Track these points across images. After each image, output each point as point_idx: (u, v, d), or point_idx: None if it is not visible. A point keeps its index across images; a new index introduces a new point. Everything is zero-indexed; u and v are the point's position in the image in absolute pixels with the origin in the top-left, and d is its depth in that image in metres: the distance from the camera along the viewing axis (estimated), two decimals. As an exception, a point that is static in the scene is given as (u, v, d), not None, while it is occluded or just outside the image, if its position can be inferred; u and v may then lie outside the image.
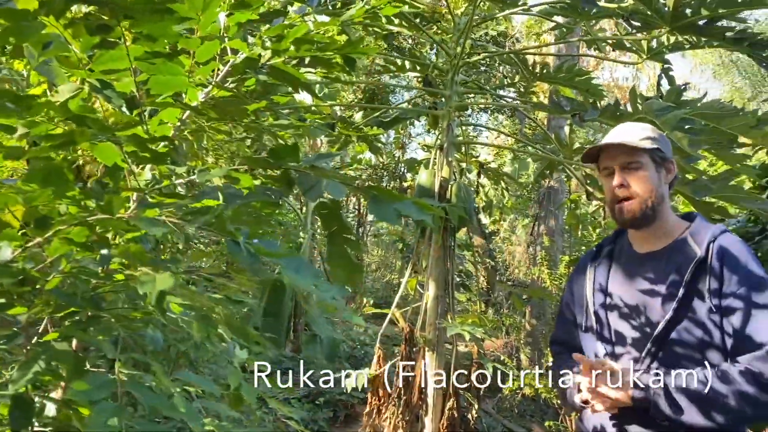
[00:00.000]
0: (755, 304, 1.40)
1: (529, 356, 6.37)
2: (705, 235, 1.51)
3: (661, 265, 1.56)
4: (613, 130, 1.66)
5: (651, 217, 1.56)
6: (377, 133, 3.93)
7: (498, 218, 11.61)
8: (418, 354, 3.05)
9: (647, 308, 1.54)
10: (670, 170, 1.61)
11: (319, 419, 5.12)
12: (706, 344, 1.46)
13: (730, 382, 1.38)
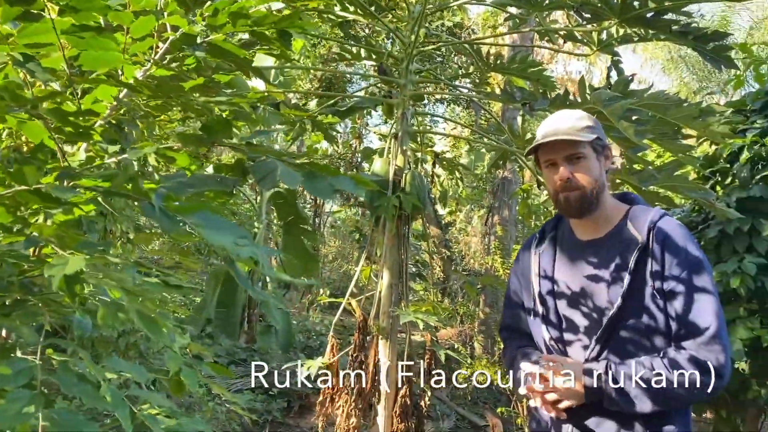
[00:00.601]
0: (695, 288, 1.44)
1: (482, 344, 6.45)
2: (645, 219, 1.54)
3: (603, 251, 1.58)
4: (550, 120, 1.64)
5: (594, 205, 1.58)
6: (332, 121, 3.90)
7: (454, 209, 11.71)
8: (371, 342, 3.04)
9: (593, 295, 1.56)
10: (608, 156, 1.63)
11: (273, 410, 5.08)
12: (653, 330, 1.49)
13: (679, 369, 1.42)
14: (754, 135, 3.12)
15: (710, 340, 1.41)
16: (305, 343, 7.53)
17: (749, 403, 3.14)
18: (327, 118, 3.98)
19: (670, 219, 1.55)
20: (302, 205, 13.51)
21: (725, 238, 3.09)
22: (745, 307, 2.97)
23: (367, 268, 3.24)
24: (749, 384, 3.10)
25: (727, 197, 3.12)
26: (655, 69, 14.11)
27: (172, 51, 1.03)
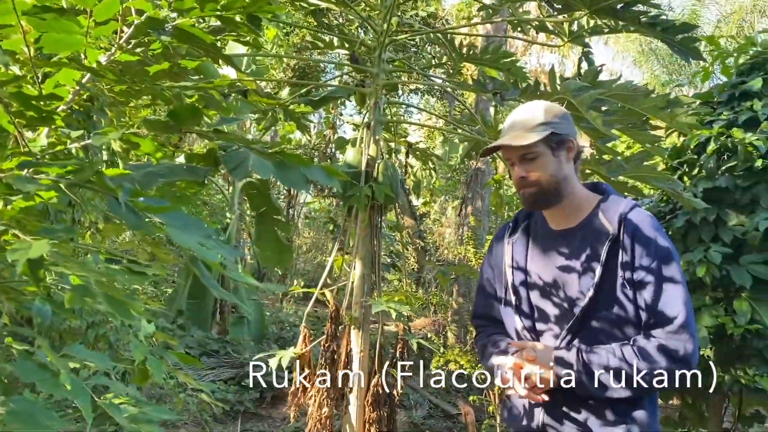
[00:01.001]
0: (664, 278, 1.46)
1: (455, 333, 6.50)
2: (616, 211, 1.56)
3: (575, 241, 1.60)
4: (509, 117, 1.67)
5: (556, 198, 1.60)
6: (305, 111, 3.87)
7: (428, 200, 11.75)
8: (344, 332, 3.05)
9: (565, 285, 1.58)
10: (570, 148, 1.61)
11: (245, 400, 5.06)
12: (623, 319, 1.51)
13: (648, 357, 1.44)
14: (720, 126, 3.17)
15: (679, 329, 1.44)
16: (278, 334, 7.51)
17: (713, 389, 3.21)
18: (299, 107, 3.94)
19: (641, 210, 1.58)
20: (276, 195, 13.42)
21: (692, 227, 3.14)
22: (710, 296, 3.03)
23: (340, 258, 3.24)
24: (713, 371, 3.17)
25: (694, 188, 3.17)
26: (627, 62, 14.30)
27: (136, 35, 1.01)
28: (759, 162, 2.98)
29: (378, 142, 3.17)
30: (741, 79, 3.38)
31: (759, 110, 3.11)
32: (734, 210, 3.07)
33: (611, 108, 2.21)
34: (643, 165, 2.41)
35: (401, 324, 3.17)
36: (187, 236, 0.75)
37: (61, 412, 2.49)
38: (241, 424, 4.79)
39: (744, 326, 2.83)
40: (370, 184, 3.01)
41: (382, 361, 3.16)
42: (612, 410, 1.50)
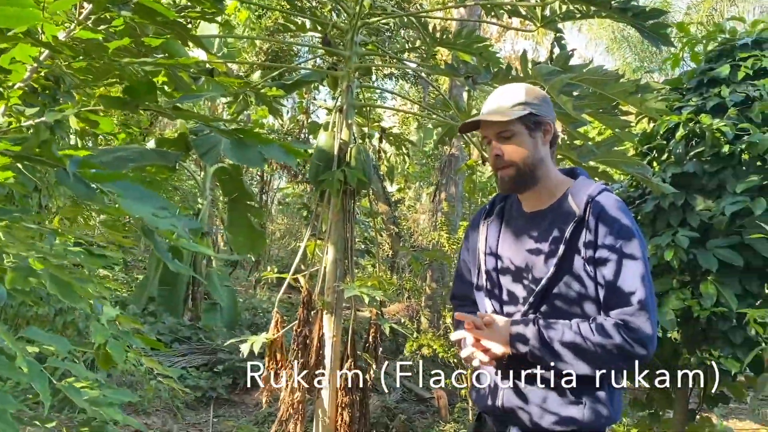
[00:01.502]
0: (625, 254, 1.48)
1: (429, 318, 6.54)
2: (584, 193, 1.57)
3: (545, 223, 1.62)
4: (490, 97, 1.67)
5: (530, 181, 1.61)
6: (276, 94, 3.82)
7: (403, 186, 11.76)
8: (316, 317, 3.03)
9: (533, 267, 1.60)
10: (547, 131, 1.62)
11: (218, 387, 5.04)
12: (583, 296, 1.53)
13: (604, 335, 1.46)
14: (689, 113, 3.21)
15: (637, 309, 1.46)
16: (251, 320, 7.47)
17: (680, 369, 3.28)
18: (271, 90, 3.89)
19: (609, 194, 1.59)
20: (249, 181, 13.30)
21: (660, 212, 3.19)
22: (677, 279, 3.08)
23: (312, 243, 3.22)
24: (680, 352, 3.24)
25: (663, 173, 3.21)
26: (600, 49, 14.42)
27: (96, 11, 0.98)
28: (726, 148, 3.03)
29: (351, 127, 3.15)
30: (709, 66, 3.43)
31: (726, 97, 3.15)
32: (701, 195, 3.12)
33: (582, 93, 2.22)
34: (613, 150, 2.43)
35: (374, 309, 3.17)
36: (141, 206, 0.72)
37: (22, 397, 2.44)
38: (213, 410, 4.77)
39: (710, 309, 2.88)
40: (342, 168, 2.99)
41: (354, 346, 3.17)
42: (571, 390, 1.52)
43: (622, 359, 1.47)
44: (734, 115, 3.07)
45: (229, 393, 5.12)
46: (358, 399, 3.14)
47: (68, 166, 0.68)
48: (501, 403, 1.61)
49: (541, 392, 1.55)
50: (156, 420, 4.42)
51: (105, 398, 0.78)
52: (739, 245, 2.91)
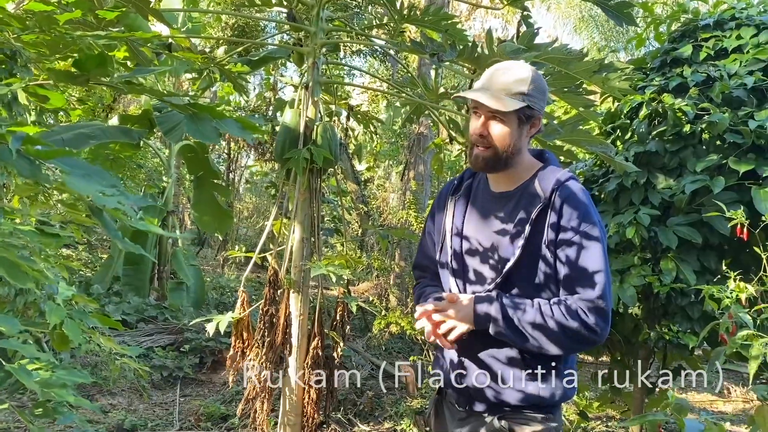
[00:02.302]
0: (588, 238, 1.51)
1: (397, 297, 6.57)
2: (551, 179, 1.58)
3: (511, 204, 1.63)
4: (493, 69, 1.63)
5: (503, 166, 1.62)
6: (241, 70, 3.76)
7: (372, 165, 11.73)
8: (282, 296, 3.02)
9: (499, 247, 1.61)
10: (535, 125, 1.63)
11: (184, 366, 5.00)
12: (548, 277, 1.55)
13: (566, 316, 1.49)
14: (652, 92, 3.26)
15: (597, 294, 1.49)
16: (219, 299, 7.43)
17: (640, 345, 3.37)
18: (236, 67, 3.82)
19: (576, 182, 1.62)
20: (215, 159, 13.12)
21: (623, 190, 3.24)
22: (639, 256, 3.14)
23: (278, 222, 3.19)
24: (641, 327, 3.32)
25: (626, 152, 3.26)
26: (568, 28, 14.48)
27: (45, -20, 0.94)
28: (687, 127, 3.08)
29: (317, 104, 3.11)
30: (672, 46, 3.47)
31: (688, 76, 3.20)
32: (663, 173, 3.17)
33: (547, 71, 2.23)
34: (577, 129, 2.46)
35: (341, 288, 3.17)
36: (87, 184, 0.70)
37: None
38: (180, 389, 4.74)
39: (669, 285, 2.95)
40: (308, 147, 2.96)
41: (322, 324, 3.17)
42: (530, 367, 1.56)
43: (579, 340, 1.50)
44: (695, 95, 3.12)
45: (196, 372, 5.09)
46: (325, 377, 3.15)
47: (10, 143, 0.66)
48: (463, 378, 1.63)
49: (502, 368, 1.58)
50: (122, 400, 4.38)
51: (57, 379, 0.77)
52: (698, 223, 2.98)
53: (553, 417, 1.59)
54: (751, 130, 2.86)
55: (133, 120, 6.22)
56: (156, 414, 4.18)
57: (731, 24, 3.35)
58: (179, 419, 4.05)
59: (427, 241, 1.89)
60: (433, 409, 1.83)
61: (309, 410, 3.11)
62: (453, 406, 1.72)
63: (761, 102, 3.08)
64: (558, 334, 1.49)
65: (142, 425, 3.87)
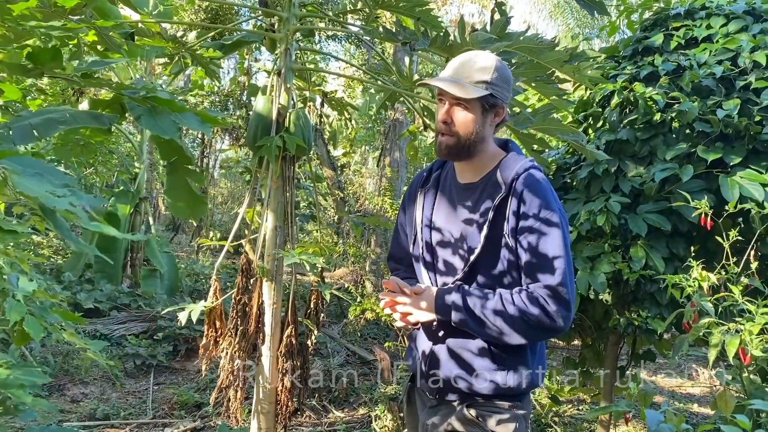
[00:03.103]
0: (548, 225, 1.52)
1: (373, 283, 6.59)
2: (513, 168, 1.61)
3: (476, 195, 1.65)
4: (459, 57, 1.66)
5: (466, 154, 1.64)
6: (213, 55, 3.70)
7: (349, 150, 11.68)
8: (255, 284, 3.01)
9: (467, 237, 1.63)
10: (499, 114, 1.65)
11: (158, 354, 4.96)
12: (512, 264, 1.57)
13: (527, 305, 1.51)
14: (623, 81, 3.28)
15: (558, 282, 1.50)
16: (193, 286, 7.37)
17: (610, 330, 3.42)
18: (208, 52, 3.77)
19: (537, 171, 1.64)
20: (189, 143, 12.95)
21: (594, 178, 3.27)
22: (609, 243, 3.18)
23: (251, 210, 3.17)
24: (611, 313, 3.37)
25: (598, 140, 3.29)
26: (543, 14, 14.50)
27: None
28: (657, 116, 3.12)
29: (289, 91, 3.08)
30: (644, 35, 3.50)
31: (659, 65, 3.23)
32: (634, 161, 3.21)
33: (519, 60, 2.23)
34: (549, 118, 2.47)
35: (315, 276, 3.17)
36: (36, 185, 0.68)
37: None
38: (153, 377, 4.71)
39: (638, 272, 3.00)
40: (281, 134, 2.94)
41: (295, 312, 3.16)
42: (496, 356, 1.58)
43: (541, 328, 1.52)
44: (666, 84, 3.16)
45: (170, 360, 5.06)
46: (299, 364, 3.15)
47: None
48: (432, 367, 1.65)
49: (470, 357, 1.60)
50: (94, 389, 4.34)
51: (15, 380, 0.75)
52: (668, 210, 3.02)
53: (521, 405, 1.61)
54: (719, 119, 2.91)
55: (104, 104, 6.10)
56: (129, 403, 4.15)
57: (701, 13, 3.39)
58: (153, 408, 4.03)
59: (400, 233, 1.90)
60: (405, 397, 1.85)
61: (283, 398, 3.11)
62: (424, 394, 1.74)
63: (729, 91, 3.12)
64: (519, 321, 1.51)
65: (114, 414, 3.84)
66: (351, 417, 4.15)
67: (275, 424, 3.18)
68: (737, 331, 1.74)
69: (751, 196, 2.83)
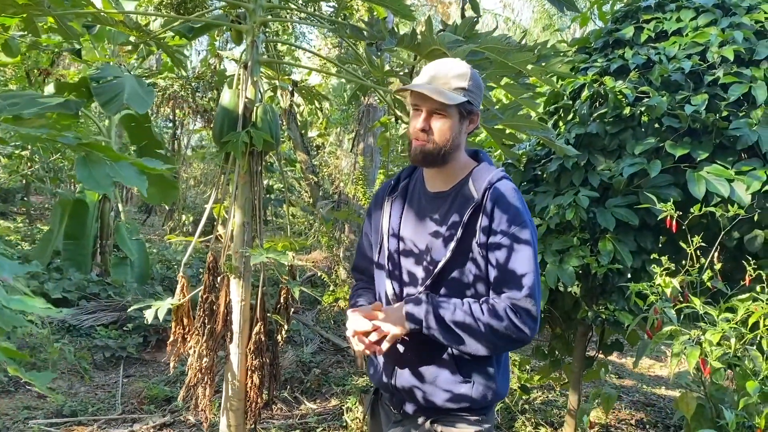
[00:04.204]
0: (517, 240, 1.52)
1: (347, 269, 6.57)
2: (484, 179, 1.59)
3: (445, 206, 1.64)
4: (432, 65, 1.63)
5: (441, 161, 1.62)
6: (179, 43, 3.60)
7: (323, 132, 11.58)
8: (222, 282, 2.97)
9: (432, 249, 1.61)
10: (473, 121, 1.64)
11: (128, 345, 4.90)
12: (477, 278, 1.56)
13: (494, 315, 1.50)
14: (594, 74, 3.27)
15: (526, 294, 1.51)
16: (164, 274, 7.28)
17: (579, 321, 3.46)
18: (174, 40, 3.66)
19: (507, 182, 1.63)
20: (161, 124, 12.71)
21: (564, 171, 3.27)
22: (578, 237, 3.20)
23: (218, 206, 3.11)
24: (579, 305, 3.40)
25: (568, 133, 3.29)
26: None
27: None
28: (627, 110, 3.12)
29: (256, 84, 3.02)
30: (615, 27, 3.49)
31: (629, 59, 3.23)
32: (603, 155, 3.22)
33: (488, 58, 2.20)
34: (518, 115, 2.46)
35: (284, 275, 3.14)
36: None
37: None
38: (123, 370, 4.65)
39: (606, 266, 3.02)
40: (247, 129, 2.88)
41: (264, 309, 3.13)
42: (461, 369, 1.57)
43: (507, 340, 1.52)
44: (635, 78, 3.16)
45: (140, 352, 5.00)
46: (269, 360, 3.13)
47: None
48: (395, 381, 1.64)
49: (434, 371, 1.59)
50: (62, 383, 4.27)
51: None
52: (636, 204, 3.04)
53: (486, 418, 1.61)
54: (687, 114, 2.92)
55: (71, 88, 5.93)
56: (98, 397, 4.10)
57: (672, 6, 3.38)
58: (122, 402, 3.98)
59: (364, 243, 1.88)
60: (369, 410, 1.84)
61: (252, 395, 3.09)
62: (388, 407, 1.73)
63: (697, 86, 3.13)
64: (486, 333, 1.50)
65: (82, 410, 3.79)
66: (323, 408, 4.16)
67: (245, 421, 3.16)
68: (698, 342, 1.75)
69: (717, 191, 2.85)
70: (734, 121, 2.95)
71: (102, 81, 4.96)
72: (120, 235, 6.67)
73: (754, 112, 2.93)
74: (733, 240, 2.99)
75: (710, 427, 1.87)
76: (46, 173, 10.08)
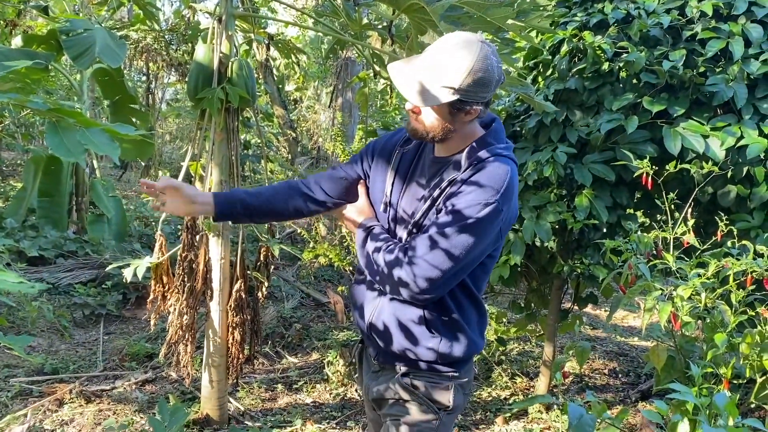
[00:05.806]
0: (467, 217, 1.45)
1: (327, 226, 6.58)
2: (474, 155, 1.52)
3: (437, 170, 1.60)
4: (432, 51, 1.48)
5: (439, 142, 1.57)
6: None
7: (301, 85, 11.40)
8: (201, 241, 2.96)
9: (416, 212, 1.58)
10: (470, 113, 1.49)
11: (107, 303, 4.90)
12: None
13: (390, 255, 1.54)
14: (573, 28, 3.24)
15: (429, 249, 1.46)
16: (142, 231, 7.22)
17: (555, 276, 3.52)
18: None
19: (500, 163, 1.51)
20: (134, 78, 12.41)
21: (543, 127, 3.28)
22: (555, 193, 3.23)
23: (195, 163, 3.08)
24: (555, 260, 3.46)
25: (547, 89, 3.28)
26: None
27: None
28: (605, 65, 3.11)
29: (231, 38, 2.95)
30: (595, -20, 3.44)
31: (609, 14, 3.20)
32: (581, 111, 3.22)
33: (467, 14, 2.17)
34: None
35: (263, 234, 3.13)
36: None
37: None
38: (103, 327, 4.66)
39: (582, 221, 3.06)
40: (223, 86, 2.83)
41: (244, 266, 3.14)
42: (428, 325, 1.57)
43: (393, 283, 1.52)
44: (614, 33, 3.14)
45: (120, 309, 5.00)
46: (249, 317, 3.16)
47: None
48: (374, 333, 1.65)
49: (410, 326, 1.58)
50: (42, 342, 4.27)
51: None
52: (613, 160, 3.06)
53: (460, 373, 1.63)
54: (665, 70, 2.92)
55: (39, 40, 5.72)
56: (79, 355, 4.11)
57: (652, -42, 3.34)
58: (103, 360, 4.00)
59: (342, 171, 1.81)
60: (357, 358, 1.87)
61: (234, 351, 3.13)
62: (370, 357, 1.75)
63: (676, 41, 3.13)
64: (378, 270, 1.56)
65: (63, 368, 3.80)
66: (304, 362, 4.22)
67: (227, 376, 3.21)
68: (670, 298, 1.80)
69: (693, 147, 2.88)
70: (711, 77, 2.96)
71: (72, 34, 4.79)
72: (96, 192, 6.58)
73: (731, 68, 2.95)
74: (706, 195, 3.04)
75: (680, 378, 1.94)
76: (17, 129, 9.84)
